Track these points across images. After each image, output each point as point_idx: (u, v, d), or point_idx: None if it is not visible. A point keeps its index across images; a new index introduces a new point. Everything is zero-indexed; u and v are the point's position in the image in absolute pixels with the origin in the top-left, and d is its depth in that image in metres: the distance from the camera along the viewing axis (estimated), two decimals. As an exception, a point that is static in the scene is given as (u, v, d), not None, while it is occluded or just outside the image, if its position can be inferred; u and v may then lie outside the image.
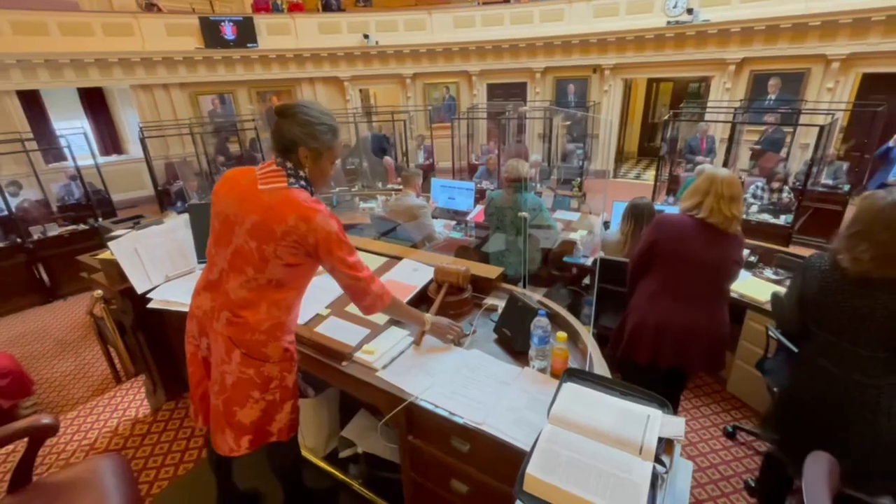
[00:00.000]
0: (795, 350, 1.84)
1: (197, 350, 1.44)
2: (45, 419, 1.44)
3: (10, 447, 2.30)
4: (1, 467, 2.32)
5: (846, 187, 5.23)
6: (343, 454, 1.98)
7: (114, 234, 2.36)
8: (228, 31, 8.27)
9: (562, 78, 8.98)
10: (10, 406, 2.79)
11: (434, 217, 4.22)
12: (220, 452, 1.42)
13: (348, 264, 1.31)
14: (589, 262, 3.16)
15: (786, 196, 4.53)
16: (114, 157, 9.12)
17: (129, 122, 9.13)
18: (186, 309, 1.78)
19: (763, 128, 6.55)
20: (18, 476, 1.42)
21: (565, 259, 3.34)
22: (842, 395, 1.45)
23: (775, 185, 4.54)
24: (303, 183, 1.30)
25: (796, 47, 6.78)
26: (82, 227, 5.09)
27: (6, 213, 4.88)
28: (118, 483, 1.41)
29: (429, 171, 7.60)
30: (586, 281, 3.16)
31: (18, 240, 4.61)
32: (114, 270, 2.19)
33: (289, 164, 1.29)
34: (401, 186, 4.16)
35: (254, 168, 1.32)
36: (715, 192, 1.79)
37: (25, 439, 1.42)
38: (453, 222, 4.32)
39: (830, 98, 6.65)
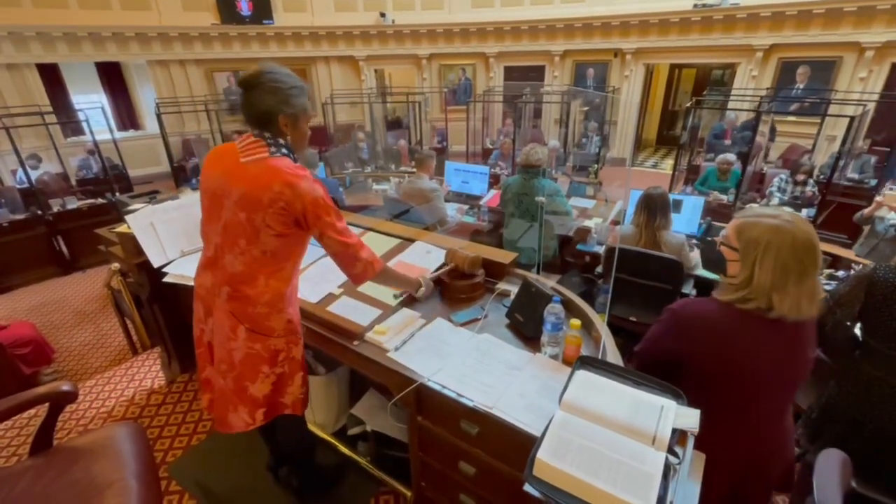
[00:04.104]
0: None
1: (202, 334, 1.43)
2: (65, 386, 1.47)
3: (32, 412, 2.38)
4: (23, 431, 2.40)
5: (873, 182, 5.06)
6: (352, 431, 2.01)
7: (131, 208, 2.39)
8: (244, 7, 8.19)
9: (581, 62, 8.76)
10: (31, 373, 2.89)
11: (447, 201, 4.20)
12: (234, 431, 1.41)
13: (337, 230, 1.29)
14: (602, 250, 3.12)
15: (810, 189, 4.40)
16: (130, 133, 9.22)
17: (145, 97, 9.17)
18: (201, 284, 1.78)
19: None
20: (40, 440, 1.46)
21: (578, 247, 3.31)
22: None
23: (800, 177, 4.41)
24: (284, 151, 1.28)
25: (829, 34, 6.50)
26: (100, 200, 5.18)
27: (27, 185, 4.98)
28: (134, 450, 1.45)
29: (441, 154, 7.54)
30: (599, 269, 3.12)
31: (39, 212, 4.70)
32: (131, 244, 2.22)
33: (267, 134, 1.26)
34: (414, 169, 4.13)
35: (235, 143, 1.29)
36: (783, 261, 1.09)
37: (46, 405, 1.47)
38: (466, 206, 4.28)
39: (862, 88, 6.39)
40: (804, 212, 4.25)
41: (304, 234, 1.33)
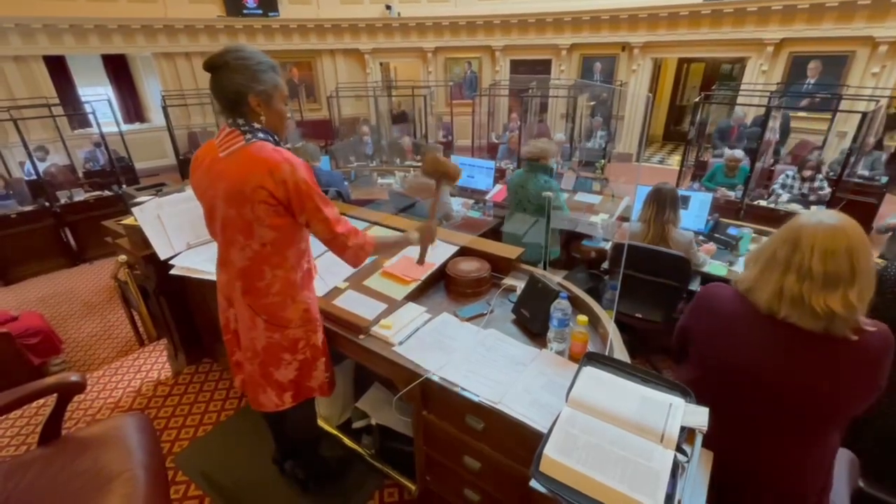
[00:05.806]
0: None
1: (228, 322, 1.47)
2: (73, 377, 1.48)
3: (41, 402, 2.41)
4: (32, 421, 2.43)
5: (883, 179, 4.99)
6: (356, 425, 2.01)
7: (137, 200, 2.39)
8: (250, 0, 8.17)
9: (588, 56, 8.66)
10: (40, 363, 2.92)
11: (452, 195, 4.18)
12: (266, 410, 1.49)
13: (323, 217, 1.25)
14: (608, 245, 3.10)
15: (818, 185, 4.35)
16: (136, 125, 9.22)
17: (151, 90, 9.18)
18: (207, 276, 1.79)
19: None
20: (48, 430, 1.48)
21: (584, 243, 3.29)
22: None
23: (807, 173, 4.35)
24: (261, 135, 1.22)
25: (842, 28, 6.38)
26: (107, 193, 5.20)
27: (35, 177, 5.01)
28: (142, 440, 1.46)
29: (447, 148, 7.50)
30: (605, 265, 3.11)
31: (46, 203, 4.73)
32: (137, 236, 2.23)
33: (240, 121, 1.21)
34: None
35: (214, 140, 1.27)
36: (796, 262, 1.03)
37: (55, 395, 1.48)
38: (472, 201, 4.26)
39: (875, 84, 6.29)
40: (812, 209, 4.21)
41: (297, 221, 1.28)
